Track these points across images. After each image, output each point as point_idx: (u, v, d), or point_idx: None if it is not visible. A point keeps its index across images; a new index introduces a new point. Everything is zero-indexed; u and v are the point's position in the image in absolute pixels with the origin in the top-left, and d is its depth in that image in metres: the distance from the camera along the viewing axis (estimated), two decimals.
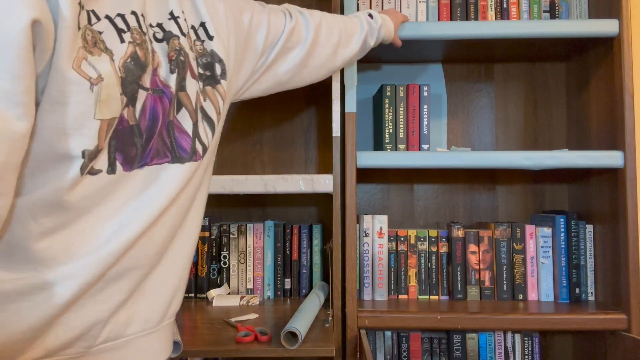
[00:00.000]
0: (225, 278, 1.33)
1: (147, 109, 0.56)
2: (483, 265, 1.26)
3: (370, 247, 1.25)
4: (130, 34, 0.54)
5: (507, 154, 1.15)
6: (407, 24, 1.18)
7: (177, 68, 0.61)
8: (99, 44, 0.50)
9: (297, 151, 1.46)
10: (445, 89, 1.45)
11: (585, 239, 1.25)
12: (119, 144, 0.53)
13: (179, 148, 0.61)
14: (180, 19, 0.63)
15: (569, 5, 1.32)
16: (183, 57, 0.61)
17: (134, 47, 0.54)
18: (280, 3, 1.47)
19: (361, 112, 1.46)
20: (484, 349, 1.27)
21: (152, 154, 0.58)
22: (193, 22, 0.66)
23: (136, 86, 0.55)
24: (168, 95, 0.59)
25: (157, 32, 0.60)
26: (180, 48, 0.61)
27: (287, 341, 0.96)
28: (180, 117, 0.61)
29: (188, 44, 0.63)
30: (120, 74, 0.52)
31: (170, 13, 0.62)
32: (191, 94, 0.62)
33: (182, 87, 0.61)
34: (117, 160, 0.53)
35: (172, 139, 0.60)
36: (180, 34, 0.62)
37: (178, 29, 0.62)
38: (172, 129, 0.60)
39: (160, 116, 0.58)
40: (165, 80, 0.59)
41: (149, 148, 0.57)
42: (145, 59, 0.55)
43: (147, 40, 0.56)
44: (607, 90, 1.21)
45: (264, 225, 1.33)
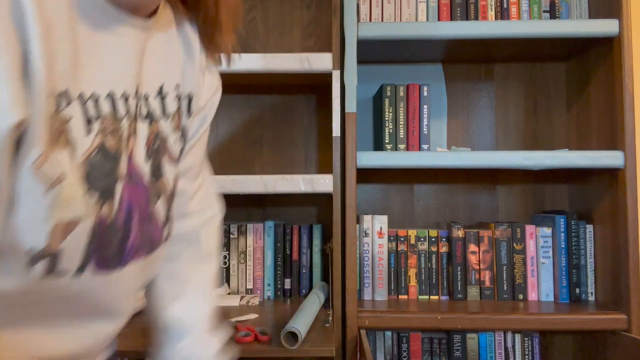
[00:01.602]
0: (225, 278, 1.33)
1: (124, 202, 0.51)
2: (483, 265, 1.26)
3: (370, 247, 1.25)
4: (100, 121, 0.47)
5: (507, 154, 1.15)
6: (407, 24, 1.18)
7: (153, 154, 0.55)
8: (63, 135, 0.44)
9: (297, 151, 1.46)
10: (445, 89, 1.45)
11: (585, 239, 1.25)
12: (98, 245, 0.48)
13: (152, 240, 0.56)
14: (169, 96, 0.57)
15: (569, 5, 1.32)
16: (160, 141, 0.56)
17: (102, 137, 0.48)
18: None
19: (361, 112, 1.46)
20: (484, 349, 1.27)
21: (134, 250, 0.52)
22: (186, 93, 0.60)
23: (111, 180, 0.49)
24: (144, 184, 0.54)
25: (143, 107, 0.54)
26: (158, 132, 0.56)
27: (287, 341, 0.96)
28: (158, 207, 0.56)
29: (170, 126, 0.57)
30: (84, 169, 0.46)
31: (160, 88, 0.56)
32: (168, 180, 0.57)
33: (159, 174, 0.56)
34: (92, 260, 0.47)
35: (150, 231, 0.55)
36: (163, 114, 0.56)
37: (161, 109, 0.56)
38: (150, 221, 0.55)
39: (139, 207, 0.53)
40: (141, 168, 0.53)
41: (129, 244, 0.52)
42: (116, 150, 0.49)
43: (122, 125, 0.50)
44: (607, 90, 1.21)
45: (264, 225, 1.33)
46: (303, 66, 1.16)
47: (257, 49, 1.45)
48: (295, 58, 1.16)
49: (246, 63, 1.16)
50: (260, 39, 1.46)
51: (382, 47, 1.27)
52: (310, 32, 1.46)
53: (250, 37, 1.46)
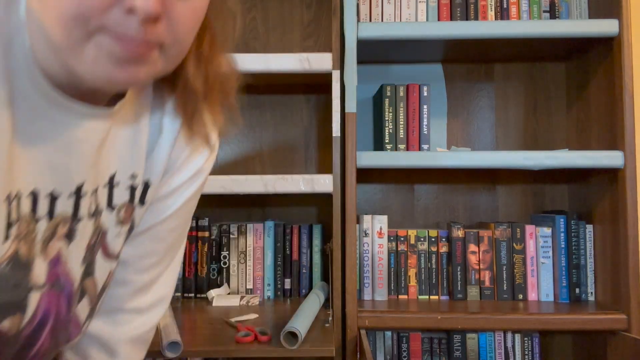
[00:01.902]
0: (225, 278, 1.33)
1: (38, 313, 0.45)
2: (483, 265, 1.26)
3: (370, 247, 1.25)
4: (17, 225, 0.42)
5: (507, 154, 1.15)
6: (407, 24, 1.18)
7: (88, 256, 0.50)
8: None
9: (297, 151, 1.46)
10: (445, 89, 1.45)
11: (585, 239, 1.25)
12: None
13: (66, 341, 0.51)
14: (120, 186, 0.51)
15: (569, 5, 1.32)
16: (96, 239, 0.50)
17: (17, 244, 0.42)
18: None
19: (361, 112, 1.46)
20: (484, 349, 1.27)
21: (39, 357, 0.48)
22: (145, 178, 0.53)
23: (23, 291, 0.43)
24: (72, 290, 0.48)
25: (93, 203, 0.48)
26: (99, 226, 0.50)
27: (287, 341, 0.96)
28: (79, 309, 0.50)
29: (114, 219, 0.52)
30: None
31: (111, 177, 0.50)
32: (100, 277, 0.52)
33: (88, 273, 0.50)
34: None
35: (66, 335, 0.50)
36: (107, 206, 0.50)
37: (106, 200, 0.50)
38: (68, 324, 0.50)
39: (56, 316, 0.47)
40: (73, 273, 0.48)
41: (32, 352, 0.46)
42: (28, 256, 0.43)
43: (36, 230, 0.44)
44: (607, 90, 1.21)
45: (264, 225, 1.33)
46: (303, 66, 1.16)
47: (257, 49, 1.45)
48: (295, 58, 1.16)
49: (246, 63, 1.16)
50: (260, 39, 1.46)
51: (382, 47, 1.27)
52: (310, 32, 1.46)
53: (250, 37, 1.46)
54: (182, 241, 0.64)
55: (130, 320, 0.59)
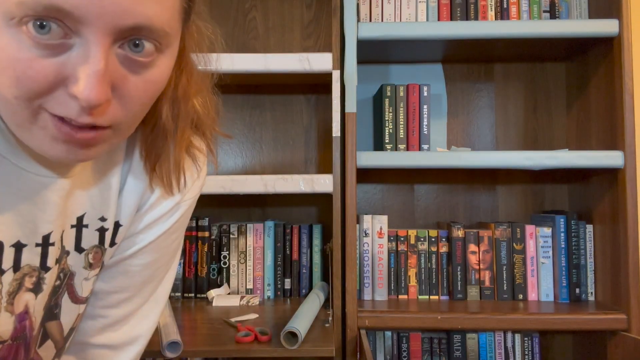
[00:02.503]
0: (225, 278, 1.33)
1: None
2: (483, 265, 1.26)
3: (370, 247, 1.25)
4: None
5: (507, 154, 1.15)
6: (407, 24, 1.18)
7: (50, 298, 0.47)
8: None
9: (297, 151, 1.46)
10: (445, 89, 1.45)
11: (585, 239, 1.25)
12: None
13: None
14: (88, 229, 0.49)
15: (569, 5, 1.32)
16: (61, 279, 0.48)
17: None
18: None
19: (361, 112, 1.46)
20: (484, 349, 1.27)
21: None
22: (115, 220, 0.51)
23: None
24: (30, 337, 0.46)
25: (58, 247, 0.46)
26: (64, 268, 0.48)
27: (287, 341, 0.96)
28: (42, 351, 0.49)
29: (82, 262, 0.49)
30: None
31: (79, 219, 0.48)
32: (66, 322, 0.50)
33: (51, 316, 0.48)
34: None
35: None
36: (74, 248, 0.48)
37: (74, 243, 0.48)
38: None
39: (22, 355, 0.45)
40: (35, 321, 0.45)
41: None
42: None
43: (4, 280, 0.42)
44: (607, 90, 1.21)
45: (264, 225, 1.33)
46: (303, 66, 1.16)
47: (257, 49, 1.45)
48: (295, 58, 1.16)
49: (246, 63, 1.16)
50: (260, 39, 1.46)
51: (382, 47, 1.27)
52: (310, 32, 1.46)
53: (250, 37, 1.46)
54: (162, 277, 0.59)
55: (101, 356, 0.56)
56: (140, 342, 0.58)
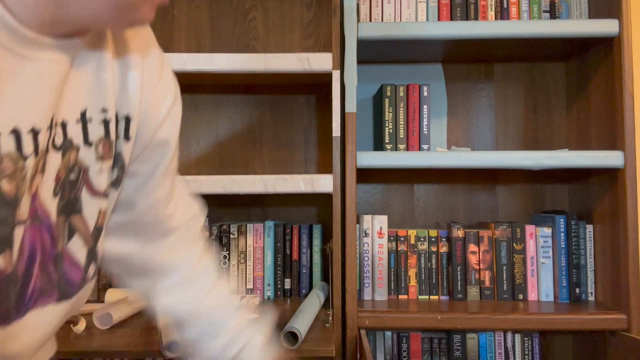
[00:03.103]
0: None
1: (25, 247, 0.46)
2: (483, 265, 1.26)
3: (370, 247, 1.25)
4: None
5: (507, 154, 1.15)
6: (407, 24, 1.18)
7: (63, 188, 0.49)
8: None
9: (297, 151, 1.46)
10: (445, 89, 1.45)
11: (585, 239, 1.25)
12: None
13: (67, 283, 0.51)
14: (93, 122, 0.51)
15: (569, 5, 1.32)
16: (75, 175, 0.50)
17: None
18: None
19: (361, 112, 1.46)
20: (484, 349, 1.27)
21: (35, 296, 0.47)
22: (120, 115, 0.53)
23: (8, 227, 0.44)
24: (49, 223, 0.48)
25: (59, 135, 0.48)
26: (76, 163, 0.50)
27: (287, 341, 0.96)
28: (71, 247, 0.51)
29: (93, 155, 0.51)
30: None
31: (83, 113, 0.50)
32: (89, 216, 0.52)
33: (74, 209, 0.50)
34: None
35: (60, 273, 0.50)
36: (84, 142, 0.50)
37: (82, 137, 0.50)
38: (61, 261, 0.50)
39: (42, 250, 0.48)
40: (46, 205, 0.48)
41: (29, 291, 0.47)
42: (16, 192, 0.44)
43: (27, 165, 0.44)
44: (607, 90, 1.21)
45: (264, 225, 1.33)
46: (303, 66, 1.16)
47: (257, 49, 1.45)
48: (295, 58, 1.16)
49: (246, 63, 1.16)
50: (260, 39, 1.46)
51: (382, 47, 1.27)
52: (310, 32, 1.46)
53: (250, 37, 1.46)
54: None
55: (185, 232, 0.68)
56: (198, 219, 0.71)
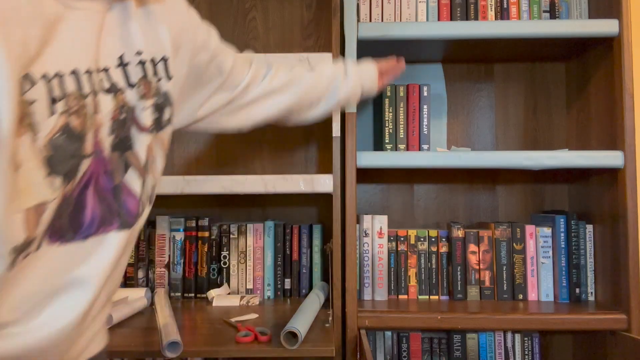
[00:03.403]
0: (225, 278, 1.33)
1: (85, 176, 0.51)
2: (483, 265, 1.26)
3: (370, 247, 1.25)
4: (65, 101, 0.47)
5: (507, 154, 1.15)
6: (407, 24, 1.18)
7: (117, 127, 0.55)
8: (25, 119, 0.44)
9: (297, 151, 1.46)
10: (445, 89, 1.45)
11: (585, 239, 1.25)
12: (54, 220, 0.48)
13: (127, 213, 0.56)
14: (131, 64, 0.56)
15: (569, 5, 1.32)
16: (126, 113, 0.56)
17: (66, 117, 0.47)
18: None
19: (361, 112, 1.46)
20: (484, 349, 1.27)
21: (97, 224, 0.53)
22: (155, 56, 0.59)
23: (76, 160, 0.49)
24: (105, 157, 0.54)
25: (105, 80, 0.53)
26: (124, 103, 0.55)
27: (287, 341, 0.96)
28: (127, 179, 0.56)
29: (136, 95, 0.57)
30: (44, 154, 0.46)
31: (120, 58, 0.55)
32: (140, 150, 0.57)
33: (127, 146, 0.56)
34: (45, 236, 0.48)
35: (119, 203, 0.55)
36: (127, 85, 0.56)
37: (124, 80, 0.55)
38: (119, 193, 0.55)
39: (97, 182, 0.53)
40: (103, 141, 0.53)
41: (87, 217, 0.52)
42: (82, 128, 0.49)
43: (87, 102, 0.50)
44: (607, 90, 1.21)
45: (264, 225, 1.33)
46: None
47: (257, 49, 1.45)
48: (295, 58, 1.16)
49: None
50: (260, 39, 1.46)
51: (382, 47, 1.27)
52: (310, 32, 1.46)
53: (250, 37, 1.46)
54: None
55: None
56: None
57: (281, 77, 0.85)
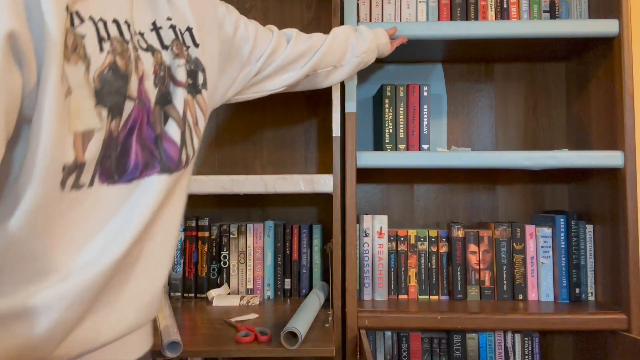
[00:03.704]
0: (225, 278, 1.33)
1: (129, 121, 0.55)
2: (483, 265, 1.26)
3: (370, 247, 1.25)
4: (109, 43, 0.52)
5: (507, 154, 1.15)
6: (407, 24, 1.18)
7: (159, 82, 0.60)
8: (79, 49, 0.48)
9: (297, 151, 1.46)
10: (445, 89, 1.45)
11: (585, 239, 1.25)
12: (102, 157, 0.52)
13: (168, 158, 0.60)
14: (163, 28, 0.62)
15: (569, 5, 1.32)
16: (163, 71, 0.61)
17: (113, 56, 0.52)
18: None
19: (361, 112, 1.46)
20: (484, 349, 1.27)
21: (140, 168, 0.57)
22: (180, 27, 0.65)
23: (121, 98, 0.53)
24: (150, 107, 0.58)
25: (142, 41, 0.59)
26: (162, 62, 0.61)
27: (287, 341, 0.96)
28: (168, 129, 0.61)
29: (170, 55, 0.62)
30: (94, 85, 0.50)
31: (153, 23, 0.61)
32: (178, 104, 0.62)
33: (167, 100, 0.61)
34: (97, 173, 0.52)
35: (160, 150, 0.59)
36: (161, 47, 0.61)
37: (159, 42, 0.61)
38: (161, 141, 0.60)
39: (141, 128, 0.57)
40: (149, 92, 0.58)
41: (131, 162, 0.56)
42: (126, 69, 0.54)
43: (129, 48, 0.55)
44: (607, 90, 1.21)
45: (264, 225, 1.33)
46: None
47: None
48: None
49: None
50: None
51: None
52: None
53: None
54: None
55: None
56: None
57: (301, 44, 0.91)
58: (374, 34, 1.04)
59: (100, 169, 0.52)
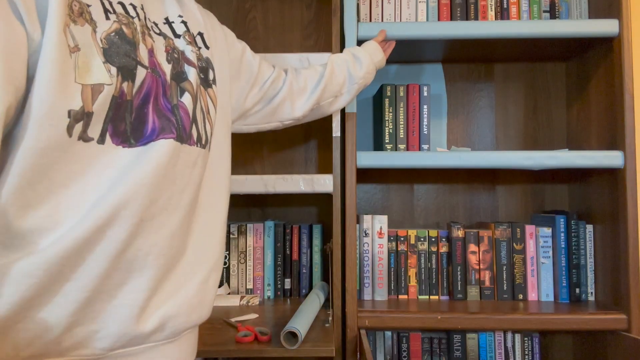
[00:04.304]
0: (225, 278, 1.33)
1: (143, 88, 0.59)
2: (483, 265, 1.26)
3: (370, 247, 1.25)
4: (115, 15, 0.57)
5: (507, 154, 1.15)
6: (407, 24, 1.18)
7: (173, 61, 0.65)
8: (85, 14, 0.53)
9: (297, 151, 1.46)
10: (445, 89, 1.45)
11: (585, 239, 1.25)
12: (114, 115, 0.55)
13: (183, 127, 0.64)
14: (176, 23, 0.68)
15: (569, 5, 1.32)
16: (177, 54, 0.66)
17: (119, 24, 0.57)
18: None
19: (361, 112, 1.46)
20: (484, 349, 1.27)
21: (157, 132, 0.60)
22: (192, 30, 0.71)
23: (131, 61, 0.57)
24: (166, 80, 0.62)
25: (155, 28, 0.64)
26: (174, 47, 0.66)
27: (287, 341, 0.96)
28: (184, 100, 0.65)
29: (184, 42, 0.68)
30: (102, 45, 0.54)
31: (166, 19, 0.67)
32: (193, 80, 0.67)
33: (182, 78, 0.66)
34: (107, 131, 0.55)
35: (177, 119, 0.63)
36: (174, 36, 0.67)
37: (172, 32, 0.67)
38: (177, 110, 0.64)
39: (156, 98, 0.61)
40: (163, 66, 0.62)
41: (149, 128, 0.59)
42: (132, 37, 0.58)
43: (135, 22, 0.59)
44: (607, 90, 1.21)
45: (264, 225, 1.33)
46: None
47: (257, 49, 1.45)
48: (295, 58, 1.16)
49: None
50: (260, 39, 1.46)
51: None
52: (310, 32, 1.46)
53: (250, 37, 1.46)
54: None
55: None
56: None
57: (300, 78, 0.97)
58: (369, 55, 1.06)
59: (111, 128, 0.55)
